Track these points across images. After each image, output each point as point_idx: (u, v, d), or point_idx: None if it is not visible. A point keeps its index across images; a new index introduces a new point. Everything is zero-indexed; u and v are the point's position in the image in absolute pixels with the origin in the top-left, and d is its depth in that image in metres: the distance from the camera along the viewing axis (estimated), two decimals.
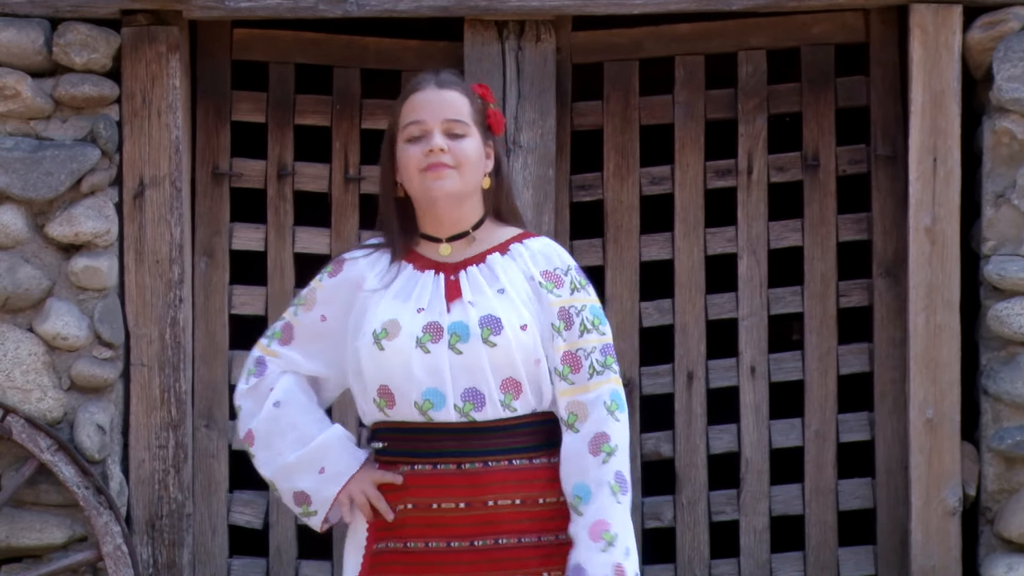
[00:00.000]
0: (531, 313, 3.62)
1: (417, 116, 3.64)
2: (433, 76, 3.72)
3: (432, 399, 3.58)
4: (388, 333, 3.61)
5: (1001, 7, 5.35)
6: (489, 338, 3.56)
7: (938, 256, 5.39)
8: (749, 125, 5.64)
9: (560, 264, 3.69)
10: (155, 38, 5.41)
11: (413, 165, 3.63)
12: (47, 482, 5.33)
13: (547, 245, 3.72)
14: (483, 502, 3.57)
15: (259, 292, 5.65)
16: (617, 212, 5.64)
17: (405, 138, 3.66)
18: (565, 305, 3.64)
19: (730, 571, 5.63)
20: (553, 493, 3.61)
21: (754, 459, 5.60)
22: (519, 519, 3.59)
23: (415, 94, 3.68)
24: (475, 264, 3.67)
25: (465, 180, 3.64)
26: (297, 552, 5.62)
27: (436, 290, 3.64)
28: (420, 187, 3.64)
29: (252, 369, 3.76)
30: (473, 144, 3.65)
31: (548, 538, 3.60)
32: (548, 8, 5.44)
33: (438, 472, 3.59)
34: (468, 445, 3.57)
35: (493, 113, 3.73)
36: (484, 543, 3.58)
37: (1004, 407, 5.36)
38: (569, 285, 3.67)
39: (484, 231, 3.71)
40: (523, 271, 3.67)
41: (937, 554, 5.39)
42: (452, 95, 3.66)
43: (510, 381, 3.59)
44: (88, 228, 5.33)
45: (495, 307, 3.59)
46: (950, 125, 5.39)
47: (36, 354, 5.33)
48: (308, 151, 5.73)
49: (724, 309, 5.66)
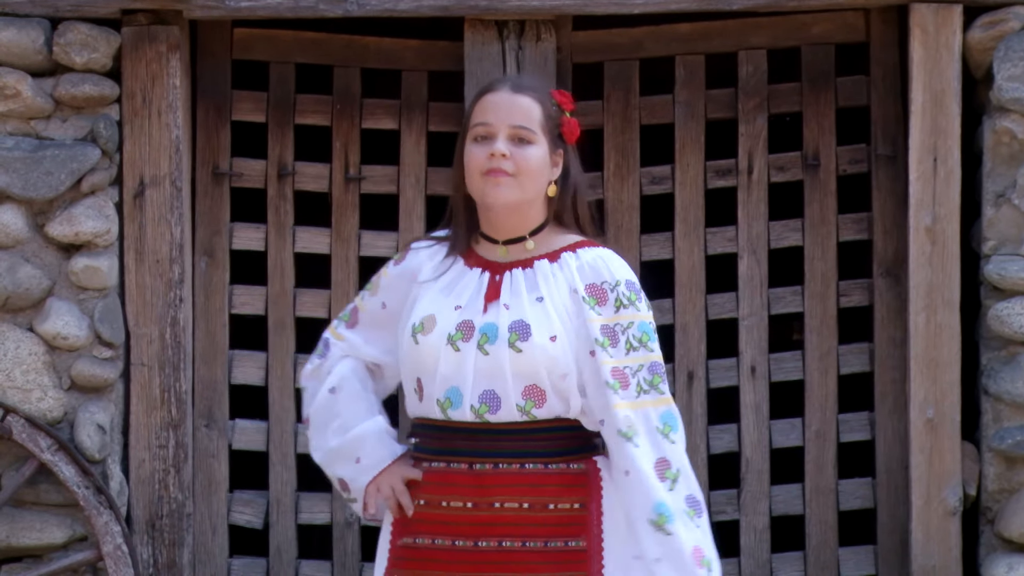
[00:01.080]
0: (565, 326, 3.59)
1: (485, 118, 3.63)
2: (511, 79, 3.73)
3: (452, 397, 3.59)
4: (424, 328, 3.62)
5: (1001, 7, 5.35)
6: (515, 343, 3.55)
7: (938, 256, 5.39)
8: (749, 125, 5.64)
9: (608, 278, 3.64)
10: (155, 38, 5.41)
11: (475, 166, 3.62)
12: (47, 482, 5.33)
13: (599, 257, 3.67)
14: (489, 503, 3.57)
15: (259, 292, 5.64)
16: (617, 212, 5.64)
17: (471, 138, 3.65)
18: (609, 323, 3.61)
19: (730, 571, 5.62)
20: (566, 500, 3.60)
21: (754, 459, 5.60)
22: (525, 523, 3.58)
23: (488, 95, 3.66)
24: (521, 268, 3.65)
25: (524, 188, 3.62)
26: (297, 552, 5.62)
27: (478, 289, 3.64)
28: (479, 190, 3.64)
29: (319, 350, 3.82)
30: (538, 152, 3.63)
31: (556, 544, 3.59)
32: (548, 8, 5.44)
33: (451, 471, 3.61)
34: (480, 445, 3.57)
35: (567, 121, 3.69)
36: (488, 544, 3.58)
37: (1004, 407, 5.36)
38: (615, 302, 3.62)
39: (543, 236, 3.69)
40: (568, 282, 3.63)
41: (937, 554, 5.39)
42: (524, 100, 3.64)
43: (533, 388, 3.58)
44: (88, 228, 5.33)
45: (527, 313, 3.58)
46: (950, 125, 5.38)
47: (36, 354, 5.33)
48: (308, 151, 5.73)
49: (724, 309, 5.65)
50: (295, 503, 5.60)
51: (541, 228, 3.69)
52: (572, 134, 3.70)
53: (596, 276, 3.64)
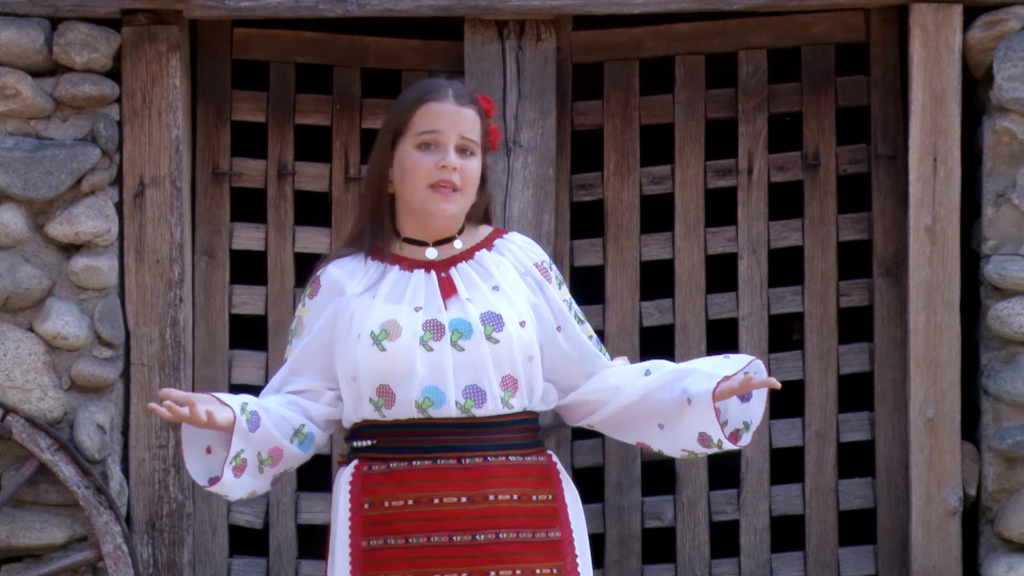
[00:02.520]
0: (528, 309, 3.68)
1: (435, 126, 3.66)
2: (449, 85, 3.72)
3: (432, 396, 3.59)
4: (388, 334, 3.61)
5: (1001, 7, 5.35)
6: (492, 335, 3.59)
7: (938, 256, 5.39)
8: (749, 125, 5.64)
9: (545, 259, 3.78)
10: (155, 38, 5.41)
11: (422, 175, 3.65)
12: (47, 482, 5.33)
13: (526, 241, 3.80)
14: (484, 496, 3.59)
15: (259, 292, 5.64)
16: (617, 212, 5.64)
17: (416, 143, 3.66)
18: (558, 298, 3.75)
19: (730, 571, 5.62)
20: (545, 491, 3.66)
21: (754, 459, 5.60)
22: (517, 514, 3.62)
23: (433, 102, 3.68)
24: (464, 261, 3.69)
25: (466, 201, 3.71)
26: (297, 552, 5.62)
27: (431, 288, 3.66)
28: (422, 201, 3.67)
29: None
30: (478, 164, 3.71)
31: (541, 535, 3.64)
32: (548, 7, 5.44)
33: (439, 467, 3.61)
34: (468, 440, 3.59)
35: (493, 130, 3.77)
36: (486, 537, 3.59)
37: (1004, 407, 5.36)
38: (556, 279, 3.78)
39: (465, 234, 3.77)
40: (515, 265, 3.72)
41: (937, 554, 5.39)
42: (469, 112, 3.70)
43: (509, 378, 3.63)
44: (88, 228, 5.33)
45: (494, 304, 3.63)
46: (950, 125, 5.38)
47: (36, 354, 5.33)
48: (308, 151, 5.73)
49: (724, 309, 5.65)
50: (295, 503, 5.60)
51: (463, 227, 3.77)
52: (495, 141, 3.79)
53: (537, 256, 3.77)
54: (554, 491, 3.67)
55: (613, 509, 5.60)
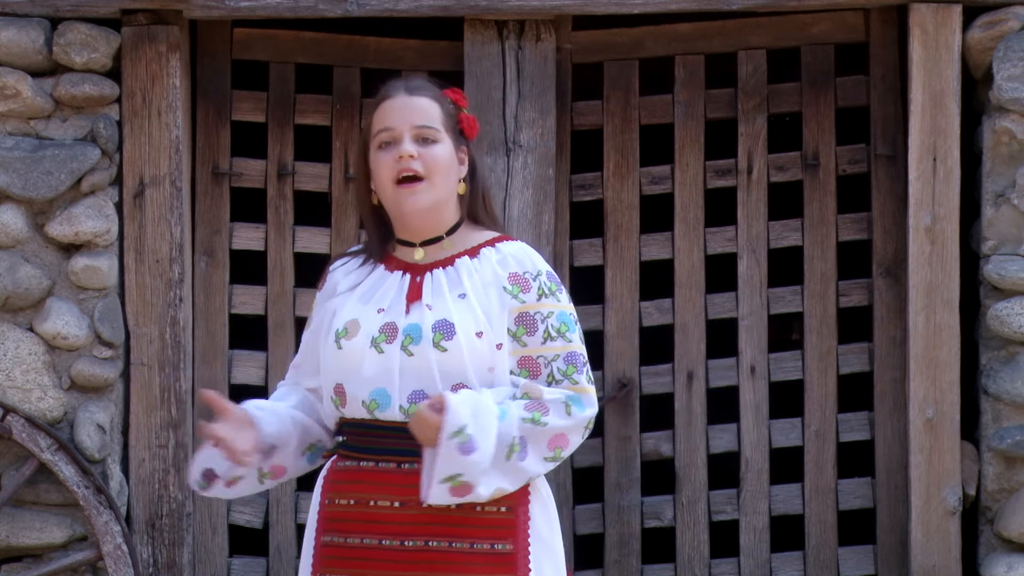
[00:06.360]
0: (490, 320, 3.59)
1: (386, 123, 3.65)
2: (403, 83, 3.72)
3: (378, 399, 3.57)
4: (348, 332, 3.62)
5: (1001, 7, 5.35)
6: (440, 343, 3.55)
7: (938, 256, 5.39)
8: (749, 125, 5.64)
9: (531, 268, 3.64)
10: (155, 38, 5.41)
11: (385, 174, 3.63)
12: (47, 482, 5.33)
13: (521, 249, 3.68)
14: (417, 502, 3.53)
15: (259, 292, 5.65)
16: (617, 212, 5.64)
17: (376, 145, 3.66)
18: (530, 311, 3.60)
19: (730, 571, 5.63)
20: (493, 504, 3.55)
21: (754, 459, 5.60)
22: (452, 523, 3.55)
23: (385, 101, 3.68)
24: (442, 267, 3.66)
25: (437, 189, 3.64)
26: (297, 552, 5.62)
27: (399, 291, 3.64)
28: (392, 199, 3.65)
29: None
30: (444, 150, 3.64)
31: (482, 546, 3.56)
32: (548, 8, 5.44)
33: (379, 470, 3.59)
34: (410, 444, 3.53)
35: (466, 118, 3.71)
36: (415, 544, 3.55)
37: (1004, 407, 5.36)
38: (537, 290, 3.62)
39: (459, 235, 3.70)
40: (491, 275, 3.63)
41: (937, 554, 5.39)
42: (422, 101, 3.66)
43: (460, 387, 3.55)
44: (88, 227, 5.33)
45: (451, 312, 3.58)
46: (950, 125, 5.39)
47: (36, 353, 5.33)
48: (308, 151, 5.73)
49: (724, 309, 5.66)
50: (295, 503, 5.60)
51: (457, 227, 3.70)
52: (472, 129, 3.72)
53: (519, 266, 3.64)
54: (513, 504, 3.58)
55: (613, 509, 5.60)
